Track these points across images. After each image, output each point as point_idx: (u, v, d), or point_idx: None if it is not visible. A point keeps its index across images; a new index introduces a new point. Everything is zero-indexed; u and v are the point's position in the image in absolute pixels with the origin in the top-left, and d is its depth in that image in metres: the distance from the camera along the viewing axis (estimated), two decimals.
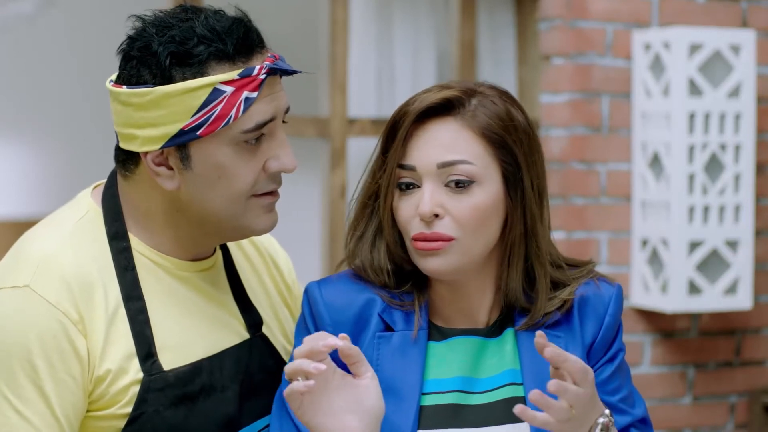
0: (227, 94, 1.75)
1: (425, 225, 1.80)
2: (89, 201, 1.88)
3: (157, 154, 1.79)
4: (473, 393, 1.84)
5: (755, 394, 3.90)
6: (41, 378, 1.73)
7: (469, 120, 1.82)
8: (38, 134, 7.01)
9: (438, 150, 1.81)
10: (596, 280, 1.91)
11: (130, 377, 1.78)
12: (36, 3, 6.44)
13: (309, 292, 1.88)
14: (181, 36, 1.76)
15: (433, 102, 1.82)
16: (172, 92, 1.74)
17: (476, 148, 1.81)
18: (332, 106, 3.86)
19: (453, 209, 1.80)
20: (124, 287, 1.81)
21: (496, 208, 1.82)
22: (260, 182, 1.81)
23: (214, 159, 1.78)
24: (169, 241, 1.86)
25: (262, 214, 1.84)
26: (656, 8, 3.77)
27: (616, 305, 1.90)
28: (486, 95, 1.85)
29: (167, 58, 1.75)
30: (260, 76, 1.76)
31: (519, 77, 4.12)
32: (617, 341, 1.91)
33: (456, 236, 1.80)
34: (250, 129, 1.77)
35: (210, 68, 1.75)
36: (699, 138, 3.63)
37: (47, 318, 1.74)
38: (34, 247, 1.80)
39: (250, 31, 1.79)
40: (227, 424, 1.86)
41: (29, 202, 6.84)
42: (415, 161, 1.82)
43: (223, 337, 1.89)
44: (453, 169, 1.80)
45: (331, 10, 3.86)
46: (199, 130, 1.75)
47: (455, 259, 1.81)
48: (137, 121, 1.77)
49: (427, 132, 1.82)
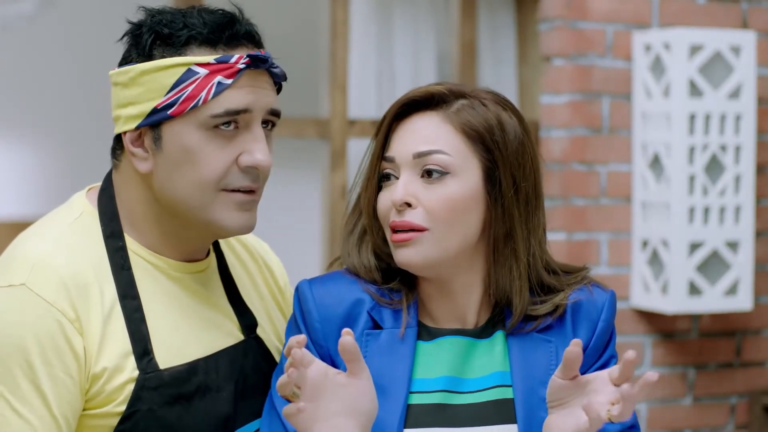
0: (200, 76, 1.77)
1: (397, 213, 1.82)
2: (84, 202, 1.89)
3: (136, 136, 1.81)
4: (460, 393, 1.84)
5: (755, 395, 3.90)
6: (38, 377, 1.73)
7: (450, 115, 1.83)
8: (37, 134, 7.01)
9: (416, 141, 1.83)
10: (590, 285, 1.91)
11: (126, 375, 1.78)
12: (35, 3, 6.44)
13: (300, 290, 1.88)
14: (168, 20, 1.80)
15: (415, 95, 1.85)
16: (148, 69, 1.78)
17: (455, 141, 1.82)
18: (332, 106, 3.86)
19: (424, 199, 1.81)
20: (120, 286, 1.81)
21: (472, 203, 1.82)
22: (231, 175, 1.81)
23: (181, 141, 1.79)
24: (158, 239, 1.86)
25: (232, 211, 1.82)
26: (656, 9, 3.77)
27: (609, 311, 1.90)
28: (478, 98, 1.85)
29: (150, 37, 1.79)
30: (238, 65, 1.78)
31: (519, 78, 4.12)
32: (610, 347, 1.90)
33: (427, 227, 1.80)
34: (219, 114, 1.78)
35: (189, 50, 1.78)
36: (699, 139, 3.63)
37: (44, 317, 1.74)
38: (29, 247, 1.81)
39: (236, 23, 1.82)
40: (222, 424, 1.86)
41: (27, 203, 6.84)
42: (394, 152, 1.84)
43: (218, 338, 1.89)
44: (428, 158, 1.81)
45: (332, 11, 3.87)
46: (169, 109, 1.77)
47: (427, 251, 1.81)
48: (121, 101, 1.81)
49: (408, 124, 1.85)
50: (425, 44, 4.12)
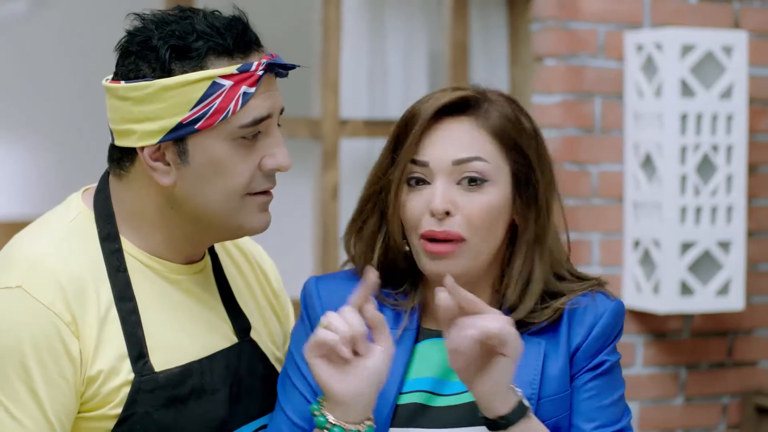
0: (226, 88, 1.76)
1: (436, 222, 1.80)
2: (80, 203, 1.88)
3: (154, 149, 1.79)
4: (441, 395, 1.83)
5: (747, 395, 3.91)
6: (34, 380, 1.73)
7: (482, 120, 1.82)
8: (32, 134, 7.00)
9: (453, 147, 1.81)
10: (594, 292, 1.88)
11: (122, 378, 1.78)
12: (29, 3, 6.45)
13: (306, 286, 1.90)
14: (180, 31, 1.77)
15: (450, 100, 1.83)
16: (171, 85, 1.75)
17: (489, 147, 1.81)
18: (324, 107, 3.86)
19: (465, 207, 1.79)
20: (116, 288, 1.81)
21: (504, 210, 1.82)
22: (256, 180, 1.82)
23: (211, 154, 1.78)
24: (161, 242, 1.86)
25: (256, 213, 1.84)
26: (648, 9, 3.78)
27: (610, 318, 1.86)
28: (498, 101, 1.86)
29: (167, 52, 1.76)
30: (258, 72, 1.78)
31: (511, 78, 4.12)
32: (605, 353, 1.86)
33: (466, 236, 1.79)
34: (247, 124, 1.78)
35: (209, 62, 1.77)
36: (691, 139, 3.63)
37: (40, 319, 1.73)
38: (25, 248, 1.80)
39: (247, 28, 1.81)
40: (217, 427, 1.86)
41: (23, 202, 6.83)
42: (429, 157, 1.81)
43: (213, 340, 1.89)
44: (467, 166, 1.80)
45: (323, 11, 3.86)
46: (197, 123, 1.76)
47: (464, 263, 1.80)
48: (135, 116, 1.78)
49: (442, 129, 1.82)
50: (417, 44, 4.12)
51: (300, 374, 1.86)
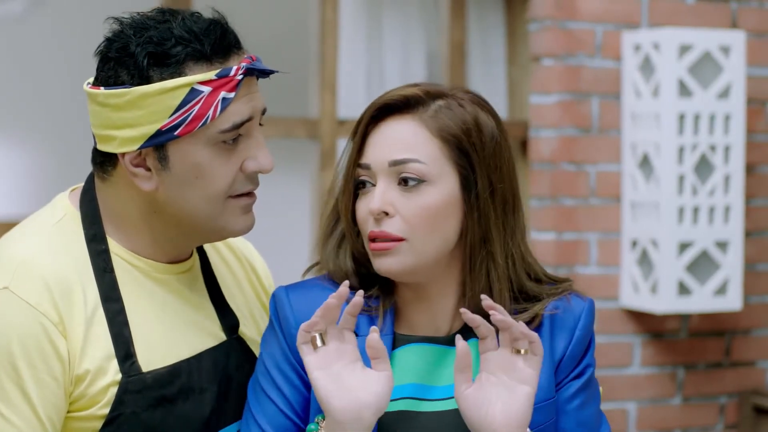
0: (204, 94, 1.75)
1: (375, 223, 1.80)
2: (66, 204, 1.88)
3: (135, 155, 1.79)
4: (426, 400, 1.82)
5: (745, 394, 3.91)
6: (23, 380, 1.73)
7: (426, 120, 1.80)
8: (27, 135, 7.00)
9: (391, 148, 1.79)
10: (568, 295, 1.88)
11: (109, 378, 1.78)
12: (25, 3, 6.43)
13: (276, 297, 1.88)
14: (158, 37, 1.77)
15: (390, 99, 1.81)
16: (149, 92, 1.75)
17: (431, 148, 1.79)
18: (322, 106, 3.85)
19: (402, 208, 1.78)
20: (103, 289, 1.81)
21: (450, 210, 1.80)
22: (237, 183, 1.82)
23: (191, 159, 1.78)
24: (147, 243, 1.86)
25: (239, 215, 1.85)
26: (646, 9, 3.78)
27: (587, 319, 1.87)
28: (455, 98, 1.82)
29: (145, 59, 1.76)
30: (237, 77, 1.77)
31: (509, 78, 4.12)
32: (587, 356, 1.88)
33: (405, 237, 1.78)
34: (227, 129, 1.78)
35: (187, 68, 1.76)
36: (689, 139, 3.63)
37: (28, 320, 1.74)
38: (12, 250, 1.80)
39: (226, 32, 1.80)
40: (205, 425, 1.86)
41: (17, 202, 6.82)
42: (370, 159, 1.81)
43: (200, 339, 1.89)
44: (404, 167, 1.78)
45: (321, 11, 3.86)
46: (176, 130, 1.76)
47: (407, 260, 1.79)
48: (115, 122, 1.78)
49: (384, 130, 1.81)
50: (414, 44, 4.12)
51: (272, 383, 1.85)
